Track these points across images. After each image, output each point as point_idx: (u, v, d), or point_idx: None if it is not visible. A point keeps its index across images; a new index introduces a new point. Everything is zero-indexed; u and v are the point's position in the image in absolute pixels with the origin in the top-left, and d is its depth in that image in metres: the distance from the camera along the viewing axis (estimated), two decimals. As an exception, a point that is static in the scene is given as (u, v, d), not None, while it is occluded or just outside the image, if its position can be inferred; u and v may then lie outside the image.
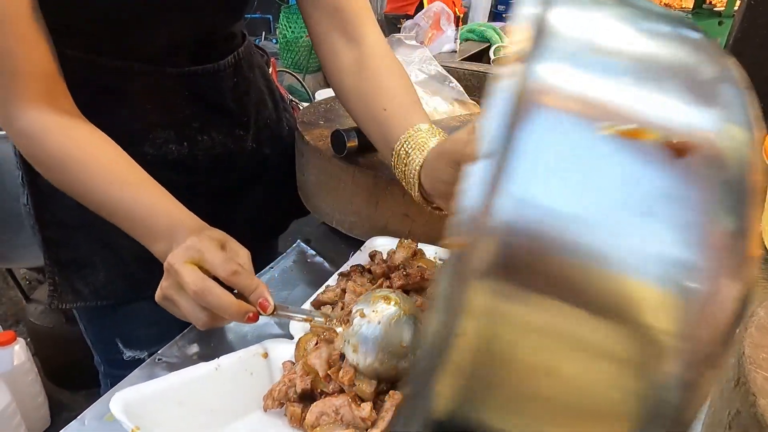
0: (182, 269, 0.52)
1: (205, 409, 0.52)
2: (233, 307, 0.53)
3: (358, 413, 0.50)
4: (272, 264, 0.88)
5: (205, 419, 0.51)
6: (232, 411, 0.54)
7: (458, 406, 0.23)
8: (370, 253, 0.83)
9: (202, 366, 0.54)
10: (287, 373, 0.57)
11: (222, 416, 0.53)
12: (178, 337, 0.70)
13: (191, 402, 0.50)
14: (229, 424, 0.53)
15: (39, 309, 1.93)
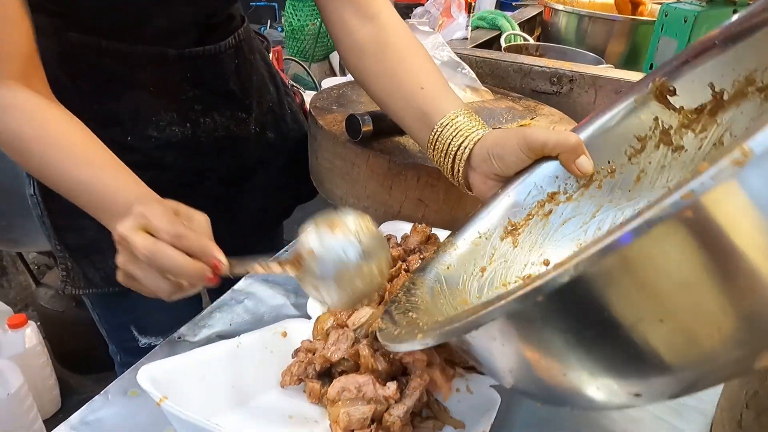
0: (131, 235, 0.49)
1: (227, 385, 0.52)
2: (188, 267, 0.49)
3: (383, 392, 0.51)
4: (286, 247, 0.88)
5: (227, 394, 0.52)
6: (252, 387, 0.54)
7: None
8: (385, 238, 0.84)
9: (224, 343, 0.54)
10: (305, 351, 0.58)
11: (243, 392, 0.53)
12: (198, 317, 0.71)
13: (214, 377, 0.51)
14: (249, 400, 0.54)
15: (49, 293, 1.94)
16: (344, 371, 0.56)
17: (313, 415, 0.54)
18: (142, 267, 0.51)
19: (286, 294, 0.78)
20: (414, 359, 0.54)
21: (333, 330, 0.59)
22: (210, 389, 0.50)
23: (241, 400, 0.52)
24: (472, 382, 0.58)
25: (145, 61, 0.79)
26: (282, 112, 1.05)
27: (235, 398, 0.52)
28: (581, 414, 0.61)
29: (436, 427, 0.54)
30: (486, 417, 0.52)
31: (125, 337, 0.93)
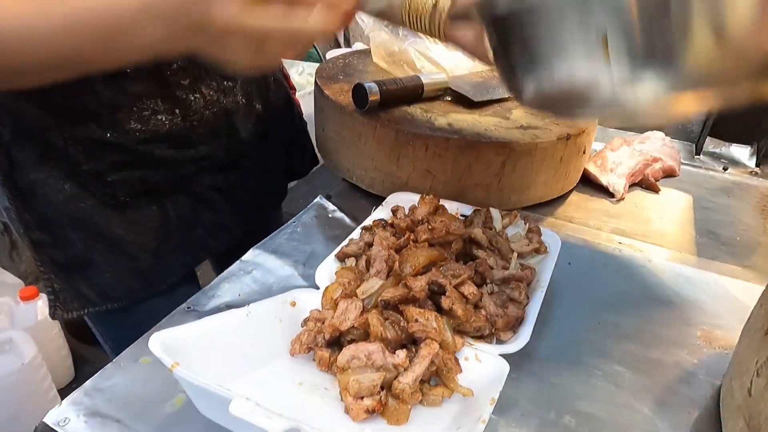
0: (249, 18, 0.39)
1: (237, 353, 0.53)
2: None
3: (392, 359, 0.51)
4: (294, 219, 0.88)
5: (237, 362, 0.53)
6: (262, 355, 0.55)
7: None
8: (393, 208, 0.83)
9: (233, 312, 0.55)
10: (314, 320, 0.58)
11: (253, 360, 0.54)
12: (207, 287, 0.72)
13: (224, 346, 0.51)
14: (259, 368, 0.54)
15: (59, 267, 1.97)
16: (353, 340, 0.57)
17: (323, 383, 0.54)
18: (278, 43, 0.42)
19: (294, 265, 0.78)
20: (425, 329, 0.54)
21: (342, 299, 0.59)
22: (220, 357, 0.50)
23: (252, 368, 0.53)
24: (481, 351, 0.58)
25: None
26: (264, 79, 0.97)
27: (245, 365, 0.52)
28: (589, 392, 0.61)
29: (444, 394, 0.54)
30: (494, 385, 0.52)
31: None
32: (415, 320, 0.54)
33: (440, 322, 0.55)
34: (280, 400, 0.49)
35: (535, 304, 0.66)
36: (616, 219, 0.96)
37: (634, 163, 1.06)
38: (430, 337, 0.54)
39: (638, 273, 0.81)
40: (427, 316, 0.55)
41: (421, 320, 0.54)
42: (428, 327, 0.54)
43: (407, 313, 0.56)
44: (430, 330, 0.54)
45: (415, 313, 0.55)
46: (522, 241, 0.78)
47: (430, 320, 0.54)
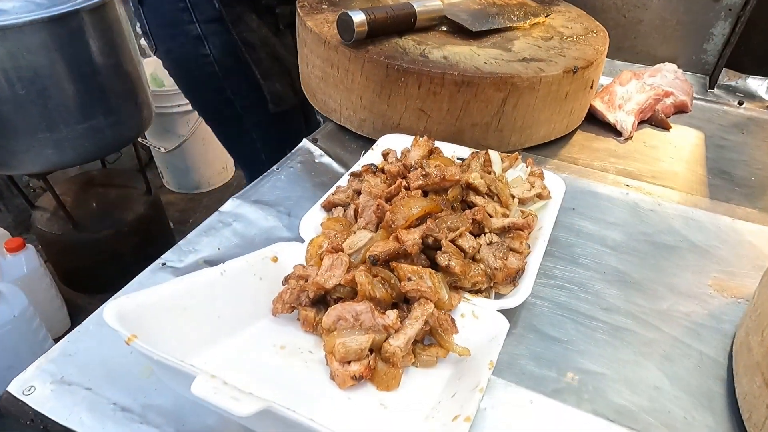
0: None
1: (211, 317, 0.48)
2: None
3: (382, 321, 0.46)
4: (278, 165, 0.82)
5: (211, 327, 0.48)
6: (239, 318, 0.50)
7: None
8: (383, 152, 0.77)
9: (206, 271, 0.49)
10: (297, 278, 0.53)
11: (229, 323, 0.49)
12: (183, 242, 0.66)
13: (196, 309, 0.47)
14: (237, 332, 0.50)
15: (45, 216, 1.91)
16: (340, 298, 0.52)
17: (307, 345, 0.50)
18: None
19: (278, 215, 0.72)
20: (419, 288, 0.49)
21: (327, 254, 0.54)
22: (192, 322, 0.46)
23: (228, 332, 0.48)
24: (478, 307, 0.54)
25: None
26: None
27: (221, 330, 0.48)
28: (592, 348, 0.58)
29: (439, 354, 0.50)
30: (493, 344, 0.48)
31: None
32: (408, 278, 0.50)
33: (435, 279, 0.50)
34: (258, 368, 0.45)
35: (537, 255, 0.61)
36: (624, 160, 0.90)
37: (644, 98, 0.98)
38: (425, 297, 0.49)
39: (647, 218, 0.76)
40: (420, 274, 0.50)
41: (415, 278, 0.49)
42: (422, 286, 0.49)
43: (399, 271, 0.51)
44: (425, 289, 0.49)
45: (407, 271, 0.50)
46: (523, 186, 0.72)
47: (424, 278, 0.49)
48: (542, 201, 0.72)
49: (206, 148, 2.46)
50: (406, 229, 0.54)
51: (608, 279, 0.66)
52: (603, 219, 0.76)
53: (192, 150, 2.43)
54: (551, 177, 0.74)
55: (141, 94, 1.71)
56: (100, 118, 1.58)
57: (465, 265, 0.53)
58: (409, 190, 0.63)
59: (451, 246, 0.53)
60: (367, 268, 0.51)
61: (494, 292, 0.59)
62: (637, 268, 0.68)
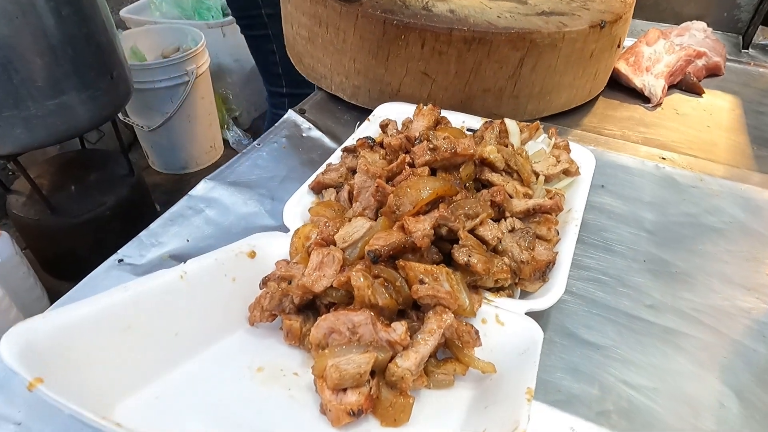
0: None
1: (166, 334, 0.38)
2: None
3: (386, 335, 0.36)
4: (258, 140, 0.70)
5: (165, 348, 0.37)
6: (205, 333, 0.40)
7: None
8: (382, 123, 0.66)
9: (161, 275, 0.39)
10: (278, 279, 0.43)
11: (191, 341, 0.39)
12: (145, 233, 0.56)
13: (144, 326, 0.36)
14: (201, 351, 0.39)
15: (21, 200, 1.80)
16: (333, 304, 0.42)
17: (291, 365, 0.40)
18: None
19: (259, 199, 0.61)
20: (435, 294, 0.39)
21: (316, 249, 0.44)
22: (138, 344, 0.35)
23: (189, 352, 0.38)
24: (503, 309, 0.44)
25: None
26: None
27: (179, 351, 0.38)
28: (638, 356, 0.48)
29: (457, 371, 0.40)
30: (527, 361, 0.38)
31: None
32: (420, 281, 0.39)
33: (453, 281, 0.40)
34: (225, 401, 0.35)
35: (569, 243, 0.51)
36: (654, 129, 0.79)
37: (674, 59, 0.87)
38: (442, 305, 0.39)
39: (688, 196, 0.66)
40: (435, 275, 0.39)
41: (429, 281, 0.39)
42: (439, 291, 0.38)
43: (408, 271, 0.40)
44: (442, 295, 0.38)
45: (419, 271, 0.39)
46: (547, 161, 0.61)
47: (440, 280, 0.39)
48: (569, 178, 0.61)
49: (192, 125, 2.33)
50: (413, 216, 0.43)
51: (649, 269, 0.56)
52: (637, 198, 0.65)
53: (177, 128, 2.30)
54: (579, 149, 0.63)
55: (117, 67, 1.58)
56: (72, 93, 1.46)
57: (488, 260, 0.42)
58: (413, 167, 0.53)
59: (470, 238, 0.43)
60: (365, 266, 0.40)
61: (519, 290, 0.49)
62: (682, 255, 0.58)
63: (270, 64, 1.33)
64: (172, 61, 2.09)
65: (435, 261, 0.44)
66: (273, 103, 1.46)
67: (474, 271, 0.41)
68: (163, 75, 2.10)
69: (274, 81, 1.35)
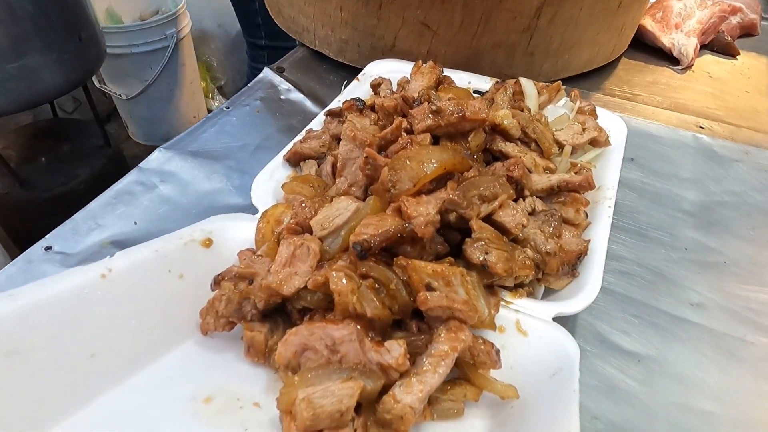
0: None
1: (75, 357, 0.28)
2: None
3: (378, 356, 0.27)
4: (227, 103, 0.60)
5: (76, 375, 0.27)
6: (136, 350, 0.30)
7: None
8: (373, 82, 0.55)
9: (72, 274, 0.29)
10: (236, 278, 0.33)
11: (112, 364, 0.29)
12: (81, 214, 0.46)
13: (41, 348, 0.26)
14: (129, 376, 0.29)
15: (-12, 174, 1.68)
16: (308, 310, 0.32)
17: (251, 391, 0.30)
18: None
19: (226, 173, 0.51)
20: (450, 305, 0.29)
21: (287, 237, 0.34)
22: (32, 374, 0.26)
23: (111, 379, 0.28)
24: (525, 315, 0.34)
25: None
26: None
27: (95, 379, 0.28)
28: (692, 370, 0.39)
29: (468, 397, 0.31)
30: (561, 386, 0.29)
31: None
32: (428, 286, 0.29)
33: (470, 285, 0.30)
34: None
35: (602, 228, 0.42)
36: (687, 94, 0.69)
37: (707, 15, 0.76)
38: (458, 318, 0.29)
39: (731, 171, 0.57)
40: (448, 278, 0.29)
41: (439, 285, 0.29)
42: (455, 300, 0.28)
43: (412, 273, 0.30)
44: (458, 306, 0.28)
45: (426, 273, 0.29)
46: (571, 128, 0.51)
47: (454, 285, 0.29)
48: (596, 149, 0.51)
49: (173, 93, 2.20)
50: (414, 196, 0.33)
51: (692, 259, 0.47)
52: (673, 173, 0.56)
53: (158, 96, 2.16)
54: (607, 115, 0.54)
55: (86, 28, 1.45)
56: (34, 55, 1.34)
57: (510, 257, 0.33)
58: (412, 134, 0.42)
59: (485, 228, 0.33)
60: (349, 263, 0.31)
61: (543, 287, 0.39)
62: (730, 241, 0.49)
63: (250, 12, 1.22)
64: (150, 23, 1.94)
65: (439, 254, 0.34)
66: (252, 56, 1.34)
67: (493, 272, 0.31)
68: (140, 39, 1.95)
69: (254, 32, 1.23)
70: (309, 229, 0.35)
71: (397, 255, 0.33)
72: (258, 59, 1.34)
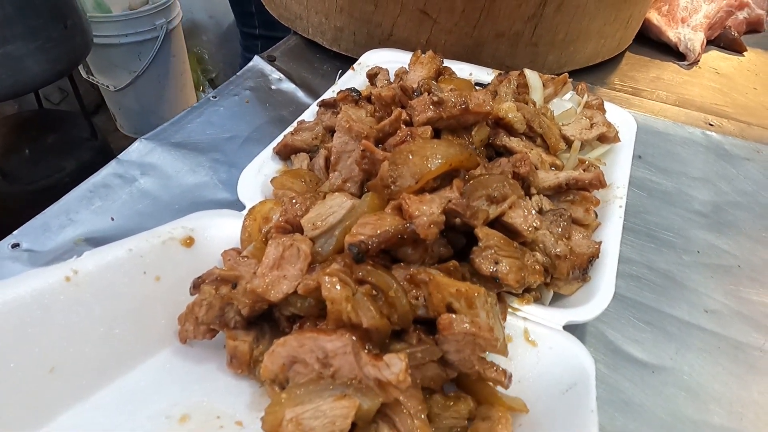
0: None
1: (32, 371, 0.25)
2: None
3: (375, 371, 0.24)
4: (214, 92, 0.56)
5: (32, 392, 0.24)
6: (102, 362, 0.27)
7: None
8: (369, 72, 0.52)
9: (36, 276, 0.26)
10: (217, 281, 0.30)
11: (75, 379, 0.26)
12: (53, 208, 0.42)
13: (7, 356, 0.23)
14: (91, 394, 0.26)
15: (-30, 166, 1.63)
16: (298, 317, 0.29)
17: (234, 408, 0.27)
18: None
19: (212, 166, 0.48)
20: (475, 334, 0.25)
21: (275, 237, 0.31)
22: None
23: (73, 395, 0.25)
24: (534, 323, 0.32)
25: None
26: None
27: (55, 395, 0.25)
28: (704, 378, 0.36)
29: (473, 413, 0.28)
30: (577, 404, 0.26)
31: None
32: (449, 306, 0.25)
33: (489, 306, 0.26)
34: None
35: (613, 230, 0.39)
36: (694, 90, 0.67)
37: (714, 9, 0.74)
38: (478, 345, 0.25)
39: (743, 170, 0.54)
40: (471, 298, 0.25)
41: (461, 306, 0.25)
42: (480, 327, 0.24)
43: (433, 288, 0.26)
44: (484, 332, 0.25)
45: (448, 292, 0.25)
46: (579, 123, 0.48)
47: (476, 307, 0.25)
48: (604, 145, 0.49)
49: (163, 85, 2.15)
50: (416, 194, 0.30)
51: (705, 263, 0.44)
52: (683, 172, 0.53)
53: (146, 88, 2.12)
54: (615, 110, 0.51)
55: (72, 16, 1.41)
56: (17, 42, 1.29)
57: (521, 266, 0.30)
58: (411, 126, 0.39)
59: (492, 234, 0.30)
60: (344, 266, 0.28)
61: (551, 292, 0.36)
62: (744, 244, 0.46)
63: (244, 1, 1.18)
64: (139, 13, 1.89)
65: (442, 257, 0.31)
66: (245, 45, 1.31)
67: (505, 284, 0.29)
68: (129, 29, 1.90)
69: (247, 20, 1.20)
70: (300, 228, 0.32)
71: (396, 258, 0.30)
72: (251, 49, 1.29)
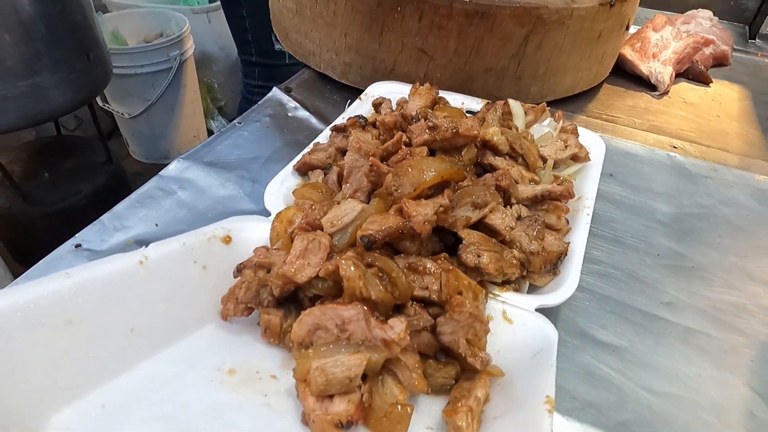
0: None
1: (118, 330, 0.32)
2: None
3: (382, 332, 0.31)
4: (239, 119, 0.65)
5: (117, 346, 0.32)
6: (168, 327, 0.34)
7: None
8: (375, 101, 0.60)
9: (115, 259, 0.33)
10: (255, 267, 0.37)
11: (150, 338, 0.33)
12: (108, 216, 0.50)
13: (90, 321, 0.30)
14: (162, 349, 0.33)
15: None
16: (318, 297, 0.36)
17: (269, 367, 0.34)
18: None
19: (238, 182, 0.56)
20: (476, 315, 0.33)
21: (300, 234, 0.38)
22: (81, 342, 0.30)
23: (147, 351, 0.32)
24: (511, 306, 0.39)
25: None
26: None
27: (133, 350, 0.32)
28: (659, 360, 0.43)
29: (460, 377, 0.35)
30: (542, 364, 0.33)
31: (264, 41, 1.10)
32: (455, 309, 0.33)
33: (481, 302, 0.34)
34: (187, 412, 0.29)
35: (581, 234, 0.46)
36: (663, 117, 0.75)
37: (682, 46, 0.83)
38: (473, 330, 0.33)
39: (702, 186, 0.62)
40: (477, 292, 0.34)
41: (467, 296, 0.33)
42: (479, 314, 0.33)
43: (451, 276, 0.34)
44: (481, 319, 0.33)
45: (461, 282, 0.34)
46: (555, 145, 0.56)
47: (479, 299, 0.34)
48: (577, 164, 0.56)
49: (175, 113, 2.25)
50: (414, 199, 0.38)
51: (664, 263, 0.51)
52: (648, 187, 0.61)
53: (159, 116, 2.21)
54: (588, 134, 0.59)
55: (94, 48, 1.50)
56: (45, 74, 1.38)
57: (500, 257, 0.37)
58: (410, 146, 0.47)
59: (472, 234, 0.37)
60: (357, 254, 0.35)
61: (527, 283, 0.44)
62: (699, 249, 0.53)
63: (241, 30, 1.29)
64: (154, 46, 2.00)
65: (435, 251, 0.38)
66: (245, 72, 1.42)
67: (486, 273, 0.36)
68: (144, 60, 2.01)
69: (245, 48, 1.30)
70: (319, 228, 0.39)
71: (398, 250, 0.38)
72: (250, 75, 1.39)
